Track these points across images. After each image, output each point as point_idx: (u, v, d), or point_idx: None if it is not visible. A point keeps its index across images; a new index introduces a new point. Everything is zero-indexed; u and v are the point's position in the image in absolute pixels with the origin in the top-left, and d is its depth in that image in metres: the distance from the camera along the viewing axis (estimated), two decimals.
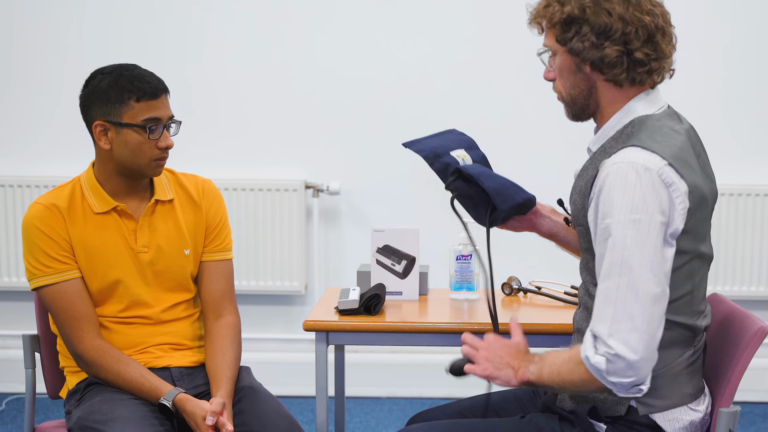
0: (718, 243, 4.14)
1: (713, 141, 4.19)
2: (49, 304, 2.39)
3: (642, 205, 1.86)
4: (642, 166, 1.89)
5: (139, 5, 4.15)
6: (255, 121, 4.20)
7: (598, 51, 1.96)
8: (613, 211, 1.88)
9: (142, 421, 2.25)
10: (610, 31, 1.95)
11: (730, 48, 4.13)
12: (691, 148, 2.01)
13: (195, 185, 2.54)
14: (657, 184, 1.88)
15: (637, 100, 2.03)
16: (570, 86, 2.04)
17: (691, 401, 2.02)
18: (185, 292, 2.51)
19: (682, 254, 1.94)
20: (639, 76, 2.00)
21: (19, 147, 4.22)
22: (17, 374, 3.03)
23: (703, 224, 1.98)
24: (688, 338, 2.01)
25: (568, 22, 1.97)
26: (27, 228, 2.38)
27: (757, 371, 4.09)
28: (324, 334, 2.44)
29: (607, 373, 1.87)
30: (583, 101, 2.04)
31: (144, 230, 2.44)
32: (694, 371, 2.04)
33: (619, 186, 1.88)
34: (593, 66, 1.99)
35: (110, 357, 2.36)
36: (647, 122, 1.99)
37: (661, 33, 2.00)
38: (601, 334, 1.87)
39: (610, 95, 2.02)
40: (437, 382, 4.08)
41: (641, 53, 1.97)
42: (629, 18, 1.95)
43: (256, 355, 4.09)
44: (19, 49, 4.17)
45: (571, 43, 1.98)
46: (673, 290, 1.94)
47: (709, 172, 2.06)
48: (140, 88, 2.33)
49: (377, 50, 4.17)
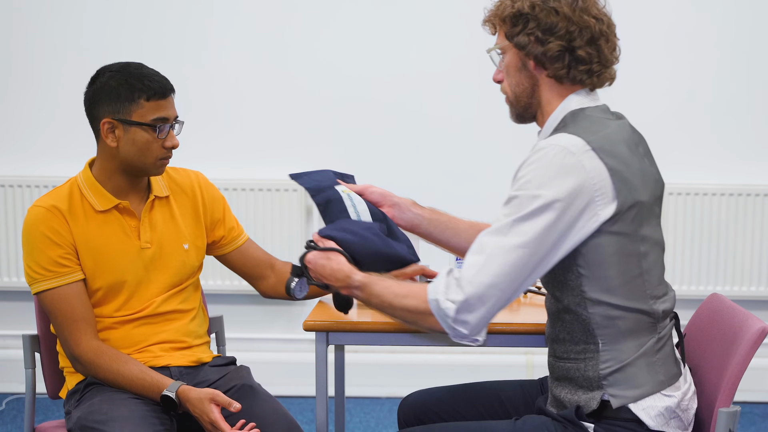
0: (718, 243, 4.15)
1: (714, 141, 4.21)
2: (49, 307, 2.39)
3: (549, 184, 1.92)
4: (564, 148, 1.95)
5: (138, 4, 4.15)
6: (255, 121, 4.20)
7: (542, 46, 2.04)
8: (523, 182, 1.95)
9: (142, 421, 2.25)
10: (555, 27, 2.03)
11: (732, 48, 4.13)
12: (624, 137, 2.04)
13: (188, 179, 2.56)
14: (575, 166, 1.93)
15: (575, 95, 2.08)
16: (515, 84, 2.10)
17: (664, 388, 2.03)
18: (186, 289, 2.51)
19: (619, 236, 1.97)
20: (579, 75, 2.06)
21: (18, 147, 4.22)
22: (17, 374, 3.03)
23: (642, 210, 2.00)
24: (649, 324, 2.03)
25: (516, 17, 2.05)
26: (28, 232, 2.38)
27: (757, 371, 4.09)
28: (324, 334, 2.44)
29: (453, 321, 1.95)
30: (526, 99, 2.11)
31: (146, 226, 2.45)
32: (664, 357, 2.05)
33: (536, 161, 1.96)
34: (537, 61, 2.06)
35: (108, 357, 2.36)
36: (579, 114, 2.06)
37: (604, 39, 2.06)
38: (462, 280, 1.94)
39: (551, 93, 2.09)
40: (437, 382, 4.08)
41: (583, 51, 2.03)
42: (575, 18, 2.03)
43: (256, 355, 4.09)
44: (18, 49, 4.17)
45: (518, 38, 2.06)
46: (617, 274, 1.98)
47: (649, 161, 2.10)
48: (150, 87, 2.34)
49: (378, 49, 4.17)
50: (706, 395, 2.13)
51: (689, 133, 4.17)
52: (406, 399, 2.50)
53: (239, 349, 3.76)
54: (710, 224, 4.14)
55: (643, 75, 4.11)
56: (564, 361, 2.08)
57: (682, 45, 4.14)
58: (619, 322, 2.00)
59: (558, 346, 2.10)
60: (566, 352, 2.07)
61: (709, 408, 2.10)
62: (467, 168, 4.17)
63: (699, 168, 4.18)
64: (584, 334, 2.03)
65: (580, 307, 2.02)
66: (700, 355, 2.23)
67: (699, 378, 2.19)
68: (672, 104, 4.14)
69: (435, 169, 4.18)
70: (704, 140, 4.18)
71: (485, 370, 3.58)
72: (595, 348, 2.02)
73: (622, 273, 1.99)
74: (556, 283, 2.05)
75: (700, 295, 4.08)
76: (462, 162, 4.17)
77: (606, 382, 2.02)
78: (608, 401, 2.02)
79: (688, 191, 4.13)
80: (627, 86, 4.13)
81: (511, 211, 1.95)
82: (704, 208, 4.14)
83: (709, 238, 4.15)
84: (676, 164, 4.14)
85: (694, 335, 2.31)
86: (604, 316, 2.00)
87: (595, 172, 1.94)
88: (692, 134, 4.17)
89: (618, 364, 2.01)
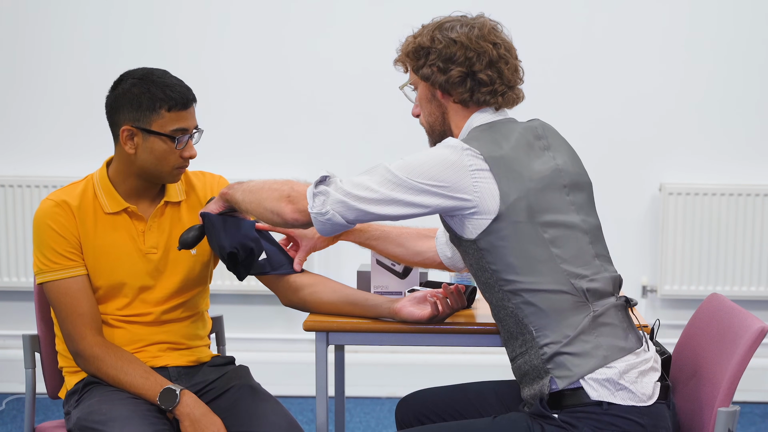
0: (718, 243, 4.15)
1: (713, 141, 4.21)
2: (53, 299, 2.40)
3: (419, 171, 2.08)
4: (444, 144, 2.11)
5: (142, 6, 4.15)
6: (254, 122, 4.20)
7: (444, 74, 2.17)
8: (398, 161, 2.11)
9: (142, 420, 2.25)
10: (455, 56, 2.16)
11: (731, 48, 4.13)
12: (514, 133, 2.15)
13: (203, 184, 2.55)
14: (452, 158, 2.07)
15: (478, 113, 2.20)
16: (428, 114, 2.24)
17: (608, 362, 2.06)
18: (188, 293, 2.51)
19: (515, 224, 2.07)
20: (483, 96, 2.18)
21: (22, 147, 4.22)
22: (17, 374, 3.03)
23: (537, 198, 2.09)
24: (578, 303, 2.09)
25: (418, 51, 2.20)
26: (37, 224, 2.40)
27: (757, 371, 4.10)
28: (324, 334, 2.44)
29: (314, 188, 2.13)
30: (439, 127, 2.24)
31: (153, 231, 2.45)
32: (605, 334, 2.08)
33: (418, 154, 2.12)
34: (442, 89, 2.19)
35: (113, 353, 2.36)
36: (479, 128, 2.18)
37: (503, 62, 2.18)
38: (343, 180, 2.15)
39: (458, 118, 2.22)
40: (437, 382, 4.08)
41: (484, 75, 2.16)
42: (473, 46, 2.16)
43: (256, 355, 4.10)
44: (23, 50, 4.17)
45: (423, 70, 2.20)
46: (524, 261, 2.08)
47: (554, 155, 2.18)
48: (172, 98, 2.34)
49: (378, 50, 4.17)
50: (706, 395, 2.13)
51: (689, 133, 4.17)
52: (403, 400, 2.50)
53: (239, 349, 3.76)
54: (710, 224, 4.14)
55: (642, 75, 4.12)
56: (515, 360, 2.15)
57: (681, 45, 4.14)
58: (542, 305, 2.08)
59: (508, 349, 2.18)
60: (513, 351, 2.15)
61: (708, 408, 2.11)
62: None
63: (699, 168, 4.18)
64: (517, 326, 2.11)
65: (504, 301, 2.11)
66: (700, 355, 2.23)
67: (699, 378, 2.19)
68: (671, 104, 4.14)
69: None
70: (704, 140, 4.18)
71: (485, 370, 3.58)
72: (531, 336, 2.10)
73: (528, 258, 2.08)
74: (481, 285, 2.16)
75: (700, 295, 4.08)
76: None
77: (550, 366, 2.07)
78: (557, 387, 2.07)
79: (688, 191, 4.13)
80: (626, 87, 4.15)
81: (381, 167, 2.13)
82: (704, 208, 4.14)
83: (709, 238, 4.15)
84: (676, 164, 4.14)
85: (694, 335, 2.31)
86: (526, 302, 2.09)
87: (476, 166, 2.06)
88: (692, 134, 4.17)
89: (556, 347, 2.07)
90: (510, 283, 2.09)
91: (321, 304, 2.48)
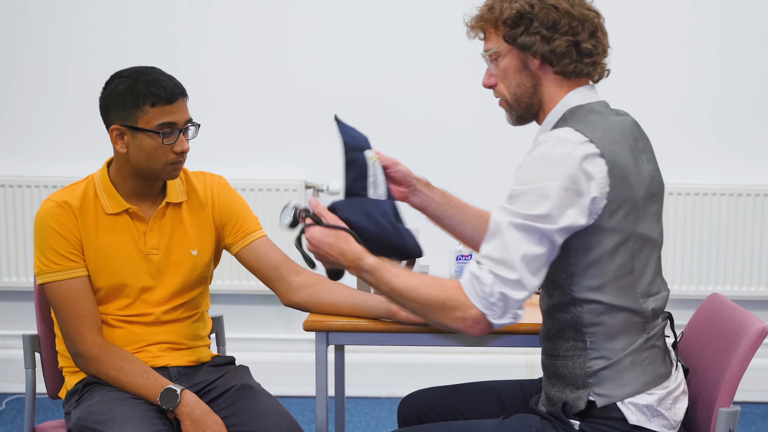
0: (718, 243, 4.15)
1: (714, 141, 4.21)
2: (54, 300, 2.40)
3: (544, 176, 1.92)
4: (562, 138, 1.96)
5: (142, 6, 4.15)
6: (255, 121, 4.20)
7: (548, 44, 2.05)
8: (526, 176, 1.95)
9: (142, 420, 2.25)
10: (558, 24, 2.04)
11: (732, 48, 4.13)
12: (623, 131, 2.05)
13: (204, 185, 2.54)
14: (570, 157, 1.92)
15: (574, 93, 2.10)
16: (515, 85, 2.10)
17: (649, 389, 2.03)
18: (189, 294, 2.51)
19: (614, 233, 1.97)
20: (586, 68, 2.08)
21: (21, 147, 4.22)
22: (17, 374, 3.03)
23: (637, 206, 2.00)
24: (638, 324, 2.03)
25: (517, 18, 2.05)
26: (38, 224, 2.40)
27: (757, 371, 4.09)
28: (324, 334, 2.44)
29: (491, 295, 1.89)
30: (527, 100, 2.11)
31: (154, 232, 2.45)
32: (651, 358, 2.05)
33: (535, 154, 1.96)
34: (543, 59, 2.06)
35: (113, 353, 2.37)
36: (577, 111, 2.07)
37: (601, 30, 2.10)
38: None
39: (553, 91, 2.09)
40: (437, 382, 4.08)
41: (588, 44, 2.06)
42: (575, 13, 2.05)
43: (256, 355, 4.10)
44: (23, 50, 4.17)
45: (521, 39, 2.06)
46: (608, 272, 1.98)
47: (647, 158, 2.09)
48: (155, 93, 2.33)
49: (378, 49, 4.18)
50: (706, 395, 2.13)
51: (689, 133, 4.17)
52: (406, 399, 2.50)
53: (239, 349, 3.76)
54: (710, 224, 4.15)
55: (642, 74, 4.11)
56: (554, 358, 2.09)
57: (682, 44, 4.14)
58: (608, 321, 2.00)
59: (548, 344, 2.11)
60: (556, 349, 2.08)
61: (709, 408, 2.10)
62: (468, 167, 4.17)
63: (699, 168, 4.18)
64: (573, 331, 2.04)
65: (569, 305, 2.03)
66: (700, 355, 2.23)
67: (699, 378, 2.19)
68: (671, 104, 4.14)
69: (435, 169, 4.16)
70: (704, 140, 4.19)
71: (485, 370, 3.58)
72: (583, 345, 2.03)
73: (612, 271, 1.99)
74: (547, 280, 2.05)
75: (700, 295, 4.08)
76: (462, 161, 4.16)
77: (592, 381, 2.02)
78: (594, 401, 2.03)
79: (688, 191, 4.13)
80: (626, 86, 4.14)
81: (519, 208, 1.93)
82: (704, 208, 4.14)
83: (709, 238, 4.15)
84: (676, 164, 4.14)
85: (694, 335, 2.31)
86: (593, 314, 2.01)
87: (593, 165, 1.94)
88: (692, 134, 4.17)
89: (605, 363, 2.01)
90: (584, 291, 2.00)
91: (321, 305, 2.48)
